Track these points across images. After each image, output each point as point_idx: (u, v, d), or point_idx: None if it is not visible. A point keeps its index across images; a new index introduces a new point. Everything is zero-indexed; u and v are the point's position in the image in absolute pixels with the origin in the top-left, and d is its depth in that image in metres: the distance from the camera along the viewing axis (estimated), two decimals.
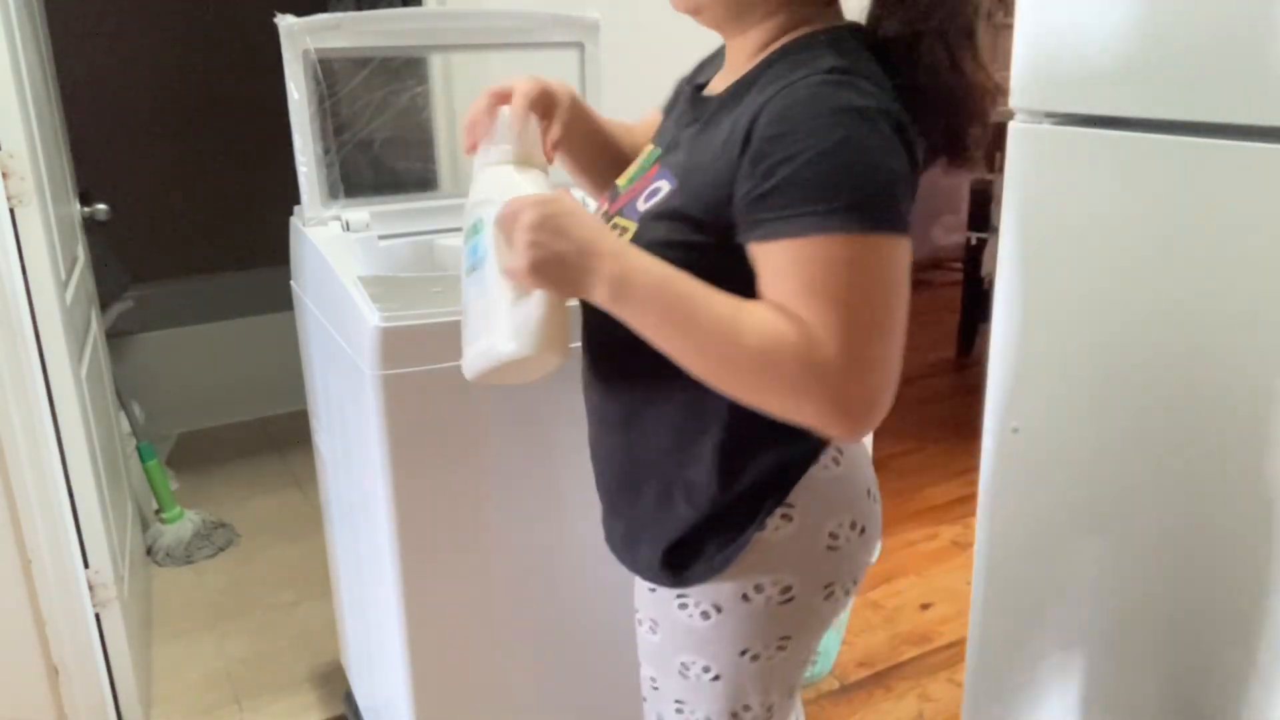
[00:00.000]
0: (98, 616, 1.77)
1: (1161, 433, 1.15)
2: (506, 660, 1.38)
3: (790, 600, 0.95)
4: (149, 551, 2.54)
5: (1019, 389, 1.35)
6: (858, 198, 0.74)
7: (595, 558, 1.38)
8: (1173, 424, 1.14)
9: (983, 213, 3.62)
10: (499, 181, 0.93)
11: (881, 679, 2.07)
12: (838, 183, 0.74)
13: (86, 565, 1.73)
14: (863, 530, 0.98)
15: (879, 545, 1.12)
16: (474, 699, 1.38)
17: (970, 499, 1.98)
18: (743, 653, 0.97)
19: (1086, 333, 1.23)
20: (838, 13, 0.90)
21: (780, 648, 0.98)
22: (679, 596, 0.98)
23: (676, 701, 1.03)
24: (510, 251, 0.85)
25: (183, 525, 2.58)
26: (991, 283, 1.36)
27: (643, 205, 0.91)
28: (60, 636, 1.72)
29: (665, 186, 0.90)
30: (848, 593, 0.99)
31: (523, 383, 0.95)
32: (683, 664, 1.00)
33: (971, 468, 1.44)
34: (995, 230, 1.35)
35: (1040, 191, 1.27)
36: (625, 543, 1.03)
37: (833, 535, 0.95)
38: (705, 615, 0.96)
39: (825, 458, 0.95)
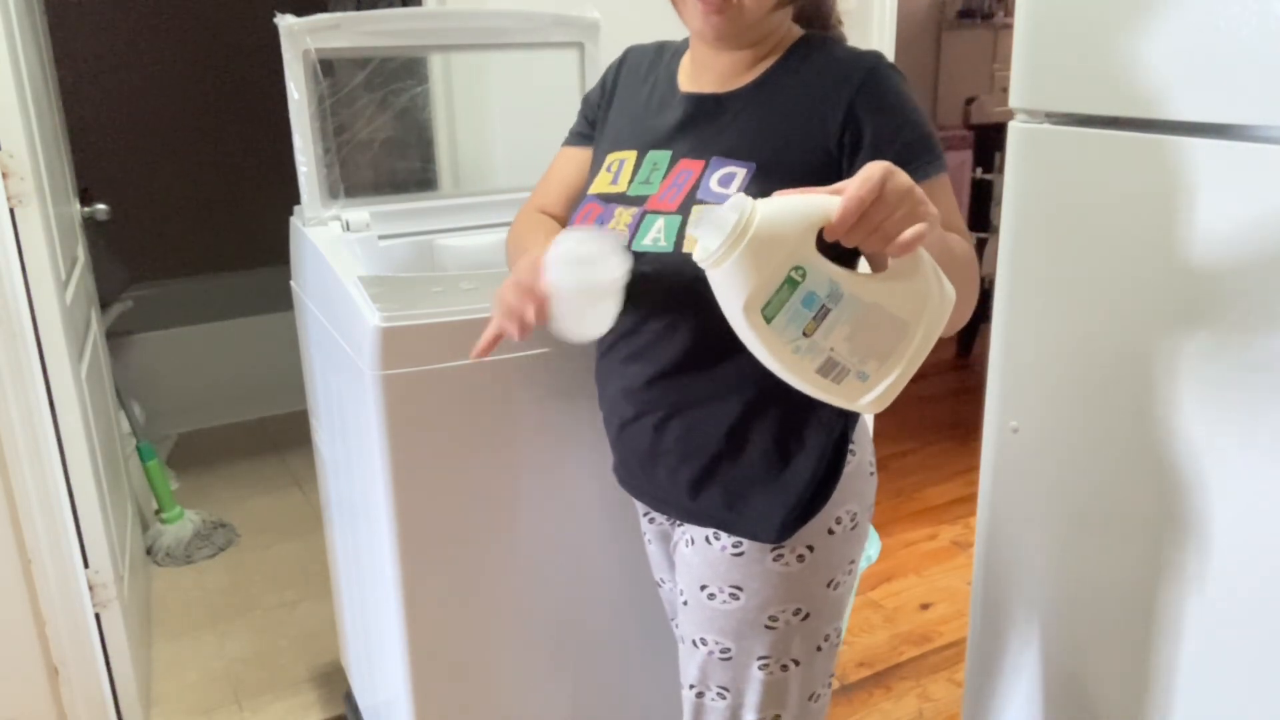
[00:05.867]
0: (98, 616, 1.77)
1: (1160, 431, 1.15)
2: (506, 660, 1.38)
3: (856, 526, 1.10)
4: (149, 551, 2.54)
5: (1019, 389, 1.35)
6: (939, 146, 1.01)
7: (596, 557, 1.39)
8: (1172, 423, 1.14)
9: (983, 213, 3.63)
10: (778, 221, 0.79)
11: (881, 679, 2.08)
12: (934, 137, 1.00)
13: (86, 565, 1.73)
14: (872, 457, 1.15)
15: None
16: (474, 699, 1.38)
17: (970, 499, 1.99)
18: (828, 584, 1.09)
19: (1086, 332, 1.23)
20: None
21: (849, 571, 1.12)
22: (774, 549, 1.06)
23: (760, 659, 1.09)
24: (895, 216, 0.78)
25: (183, 525, 2.58)
26: (991, 283, 1.36)
27: (722, 188, 0.99)
28: (60, 636, 1.72)
29: (737, 168, 1.00)
30: (870, 514, 1.16)
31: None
32: (771, 617, 1.07)
33: (971, 468, 1.45)
34: (995, 230, 1.36)
35: (1040, 191, 1.27)
36: (727, 505, 1.07)
37: (870, 463, 1.13)
38: (800, 558, 1.06)
39: None
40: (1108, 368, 1.21)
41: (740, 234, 0.78)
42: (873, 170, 0.78)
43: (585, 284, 0.93)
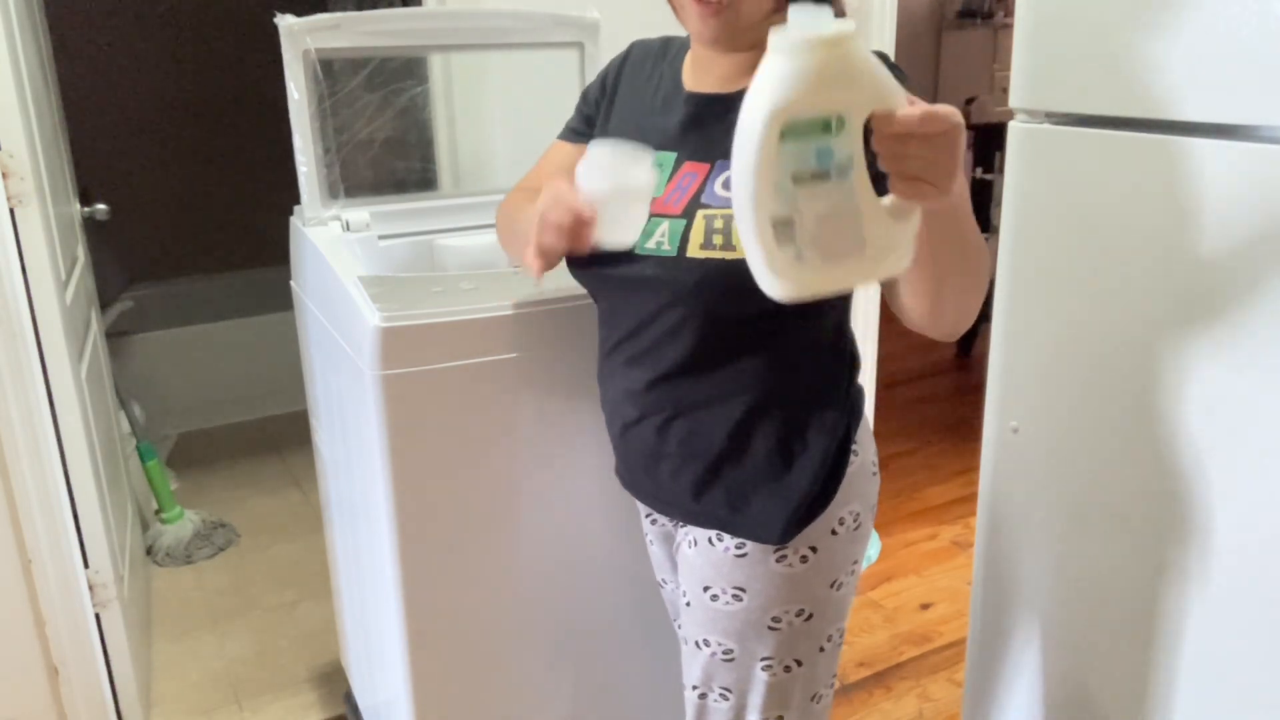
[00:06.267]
0: (98, 616, 1.77)
1: (1161, 431, 1.15)
2: (507, 660, 1.38)
3: (859, 526, 1.10)
4: (149, 551, 2.54)
5: (1019, 389, 1.35)
6: None
7: (597, 557, 1.39)
8: (1173, 423, 1.14)
9: (983, 213, 3.63)
10: (860, 69, 0.75)
11: (881, 679, 2.08)
12: None
13: (86, 565, 1.73)
14: (875, 456, 1.15)
15: None
16: (474, 699, 1.38)
17: (970, 499, 1.99)
18: (832, 584, 1.09)
19: (1086, 332, 1.23)
20: None
21: (852, 572, 1.12)
22: (777, 550, 1.06)
23: (763, 660, 1.09)
24: (929, 160, 0.75)
25: (183, 525, 2.58)
26: (991, 283, 1.36)
27: (727, 192, 0.98)
28: (60, 636, 1.72)
29: None
30: (873, 513, 1.16)
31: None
32: (774, 618, 1.07)
33: (971, 468, 1.45)
34: (995, 230, 1.36)
35: (1040, 191, 1.27)
36: (730, 507, 1.07)
37: (873, 462, 1.12)
38: (804, 559, 1.06)
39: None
40: (1108, 368, 1.21)
41: (835, 44, 0.72)
42: (949, 113, 0.74)
43: (619, 187, 0.94)
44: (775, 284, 0.79)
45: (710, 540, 1.09)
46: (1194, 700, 1.18)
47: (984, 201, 3.61)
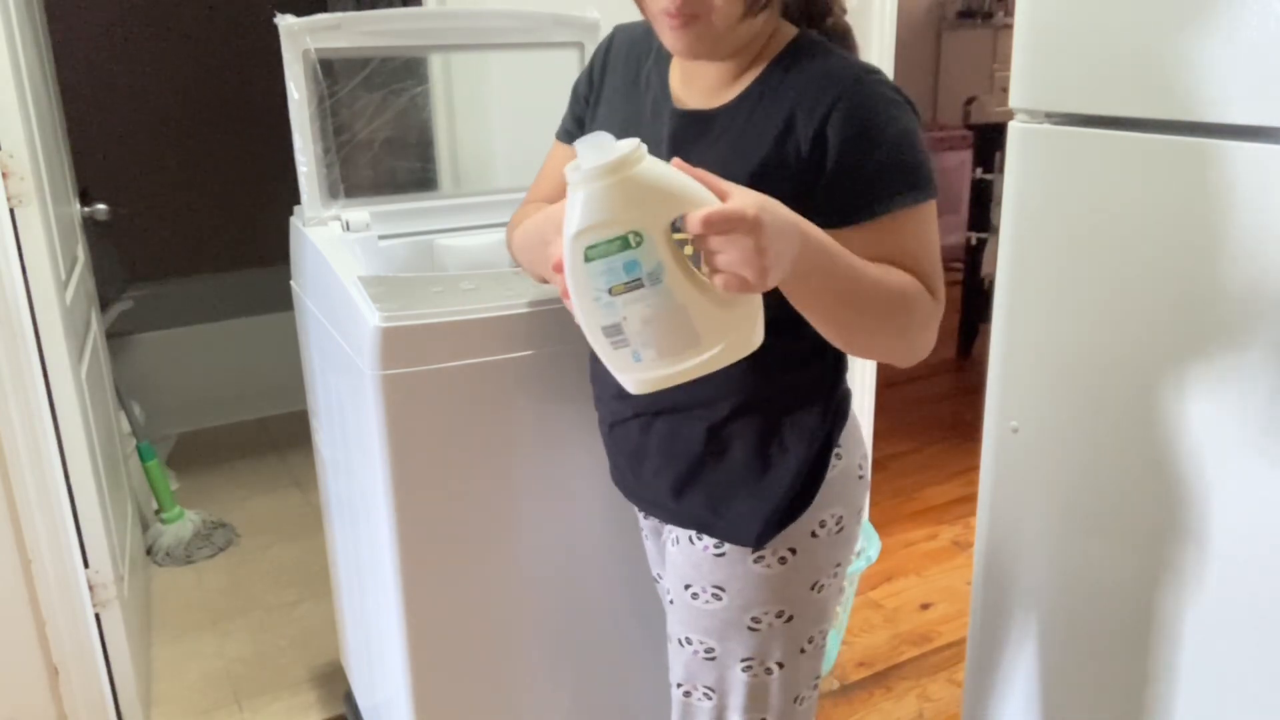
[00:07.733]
0: (98, 616, 1.77)
1: (1161, 432, 1.15)
2: (506, 660, 1.38)
3: (841, 529, 1.09)
4: (149, 551, 2.54)
5: (1019, 389, 1.35)
6: (925, 174, 0.95)
7: (596, 556, 1.39)
8: (1172, 423, 1.14)
9: (983, 213, 3.63)
10: (648, 186, 0.80)
11: (881, 679, 2.08)
12: (915, 164, 0.94)
13: (86, 565, 1.73)
14: (864, 460, 1.13)
15: None
16: (474, 699, 1.38)
17: (970, 499, 1.99)
18: (812, 586, 1.09)
19: (1086, 333, 1.23)
20: (783, 20, 1.03)
21: (834, 574, 1.11)
22: (754, 550, 1.06)
23: (743, 660, 1.09)
24: (729, 255, 0.78)
25: (183, 525, 2.58)
26: (991, 283, 1.36)
27: None
28: (60, 636, 1.72)
29: None
30: (859, 517, 1.15)
31: None
32: (754, 619, 1.07)
33: (971, 468, 1.45)
34: (995, 230, 1.36)
35: (1040, 191, 1.27)
36: (710, 508, 1.07)
37: (860, 466, 1.12)
38: (782, 560, 1.06)
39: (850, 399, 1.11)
40: (1108, 368, 1.21)
41: (613, 171, 0.78)
42: (737, 211, 0.76)
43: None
44: (625, 381, 0.88)
45: (691, 539, 1.10)
46: (1192, 700, 1.18)
47: (984, 201, 3.61)
